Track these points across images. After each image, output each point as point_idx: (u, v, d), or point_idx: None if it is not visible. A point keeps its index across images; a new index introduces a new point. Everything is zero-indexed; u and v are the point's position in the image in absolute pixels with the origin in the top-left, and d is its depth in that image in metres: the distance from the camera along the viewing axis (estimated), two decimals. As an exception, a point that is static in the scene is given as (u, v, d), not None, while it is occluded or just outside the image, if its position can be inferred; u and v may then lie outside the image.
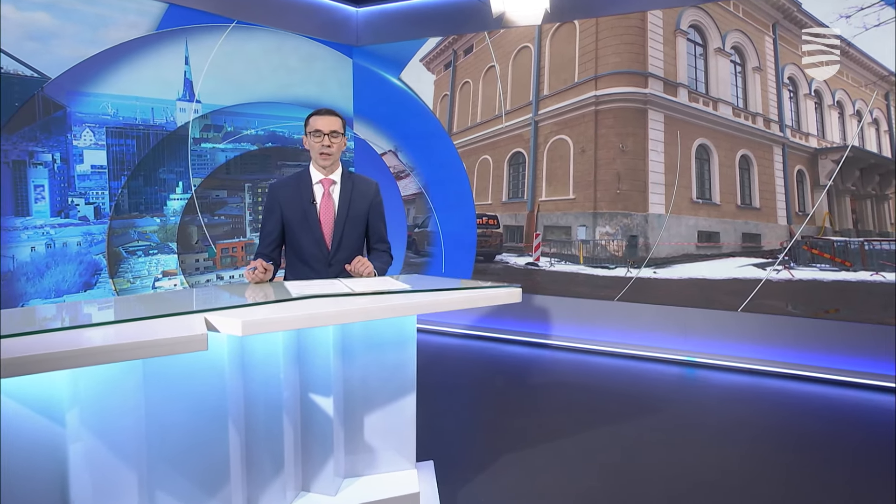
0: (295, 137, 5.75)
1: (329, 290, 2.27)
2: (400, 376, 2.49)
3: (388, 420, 2.50)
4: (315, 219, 2.75)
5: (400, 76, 6.21)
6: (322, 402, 2.30)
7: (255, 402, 2.17)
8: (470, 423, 3.83)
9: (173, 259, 5.01)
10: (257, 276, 2.51)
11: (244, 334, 1.85)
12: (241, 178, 5.46)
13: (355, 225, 2.82)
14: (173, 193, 4.99)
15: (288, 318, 1.94)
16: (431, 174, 6.18)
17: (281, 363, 2.16)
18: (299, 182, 2.80)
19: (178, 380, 2.01)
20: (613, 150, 5.26)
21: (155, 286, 4.90)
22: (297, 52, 5.74)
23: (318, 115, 2.77)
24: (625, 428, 3.67)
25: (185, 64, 5.00)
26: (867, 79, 4.33)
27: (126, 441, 1.90)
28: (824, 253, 4.58)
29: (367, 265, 2.67)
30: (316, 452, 2.34)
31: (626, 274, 5.33)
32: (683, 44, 4.97)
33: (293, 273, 2.81)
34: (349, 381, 2.43)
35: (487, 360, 5.23)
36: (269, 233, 2.79)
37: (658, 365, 4.98)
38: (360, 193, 2.83)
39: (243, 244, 5.48)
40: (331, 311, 2.00)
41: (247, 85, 5.41)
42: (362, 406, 2.47)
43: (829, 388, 4.39)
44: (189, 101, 5.03)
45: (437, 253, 6.15)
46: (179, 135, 5.00)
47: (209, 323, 1.87)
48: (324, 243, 2.76)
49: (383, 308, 2.13)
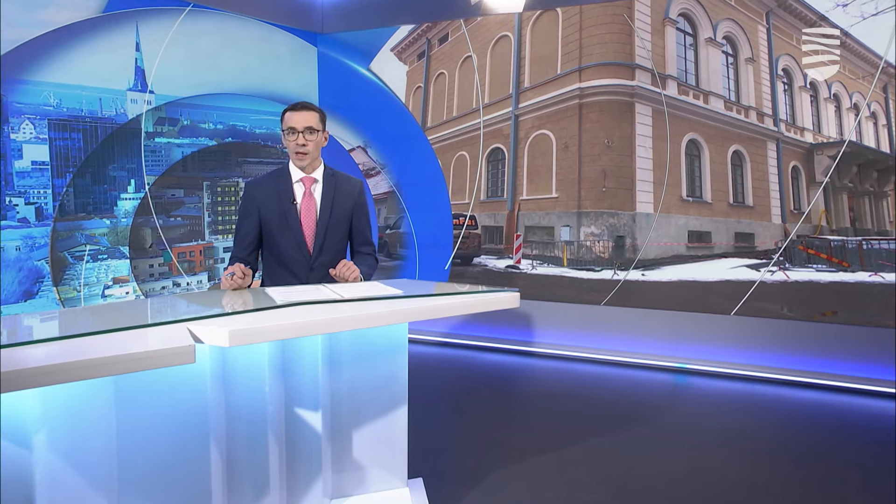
0: (257, 132, 5.68)
1: (317, 297, 2.26)
2: (391, 388, 2.49)
3: (378, 435, 2.49)
4: (295, 220, 2.73)
5: (369, 66, 6.19)
6: (309, 418, 2.28)
7: (238, 418, 2.14)
8: (456, 437, 3.84)
9: (125, 265, 4.90)
10: (236, 282, 2.48)
11: (231, 345, 1.82)
12: (200, 175, 5.37)
13: (338, 226, 2.81)
14: (125, 193, 4.89)
15: (278, 327, 1.92)
16: (404, 172, 6.17)
17: (266, 376, 2.13)
18: (278, 180, 2.77)
19: (154, 396, 1.97)
20: (599, 145, 5.34)
21: (105, 294, 4.79)
22: (258, 39, 5.68)
23: (291, 111, 2.75)
24: (617, 440, 3.71)
25: (136, 50, 4.91)
26: (865, 70, 4.48)
27: (95, 463, 1.85)
28: (821, 253, 4.71)
29: (353, 269, 2.66)
30: (302, 472, 2.31)
31: (613, 277, 5.41)
32: (672, 33, 5.07)
33: (272, 279, 2.78)
34: (336, 394, 2.41)
35: (467, 369, 5.24)
36: (246, 235, 2.76)
37: (648, 372, 5.06)
38: (343, 193, 2.82)
39: (202, 248, 5.39)
40: (325, 319, 1.99)
41: (204, 75, 5.32)
42: (350, 421, 2.45)
43: (827, 394, 4.52)
44: (141, 92, 4.93)
45: (411, 256, 6.15)
46: (131, 128, 4.89)
47: (192, 333, 1.84)
48: (305, 246, 2.74)
49: (379, 315, 2.13)
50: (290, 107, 2.76)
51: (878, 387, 4.49)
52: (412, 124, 6.12)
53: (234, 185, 5.60)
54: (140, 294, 5.01)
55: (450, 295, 2.38)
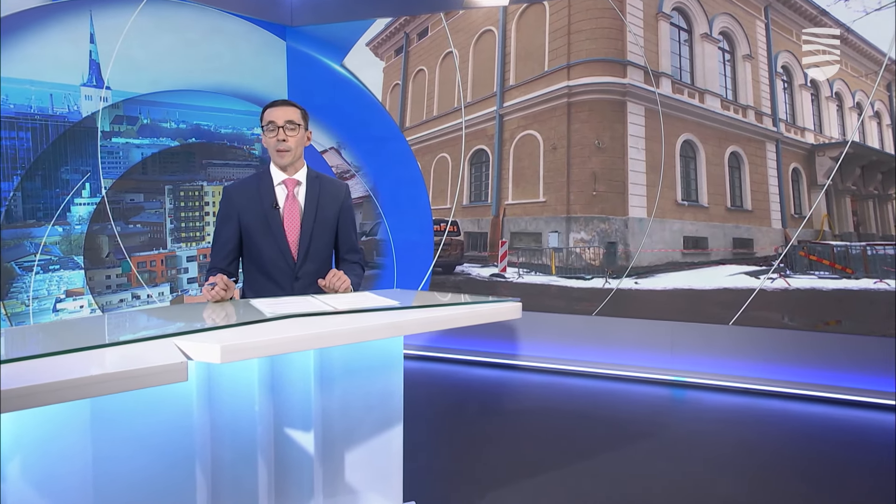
0: (222, 132, 5.63)
1: (309, 309, 2.24)
2: (385, 406, 2.48)
3: (372, 456, 2.48)
4: (278, 225, 2.71)
5: (343, 62, 6.18)
6: (300, 438, 2.26)
7: (224, 440, 2.11)
8: (447, 457, 3.83)
9: (79, 276, 4.81)
10: (218, 293, 2.45)
11: (224, 361, 1.80)
12: (161, 178, 5.30)
13: (324, 232, 2.80)
14: (79, 197, 4.81)
15: (272, 342, 1.90)
16: (381, 175, 6.16)
17: (256, 394, 2.11)
18: (259, 184, 2.75)
19: (133, 417, 1.94)
20: (589, 147, 5.39)
21: (56, 309, 4.70)
22: (222, 31, 5.63)
23: (271, 108, 2.75)
24: (615, 458, 3.73)
25: (91, 42, 4.84)
26: (868, 68, 4.60)
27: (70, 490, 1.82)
28: (823, 259, 4.81)
29: (343, 280, 2.65)
30: (292, 497, 2.29)
31: (605, 285, 5.46)
32: (666, 29, 5.15)
33: (253, 289, 2.76)
34: (328, 413, 2.39)
35: (451, 386, 5.24)
36: (226, 243, 2.73)
37: (643, 386, 5.11)
38: (328, 196, 2.81)
39: (164, 257, 5.32)
40: (321, 332, 1.98)
41: (165, 70, 5.27)
42: (343, 441, 2.43)
43: (833, 408, 4.59)
44: (96, 87, 4.87)
45: (388, 264, 6.14)
46: (85, 127, 4.82)
47: (180, 349, 1.82)
48: (289, 253, 2.72)
49: (377, 328, 2.12)
50: (270, 104, 2.76)
51: (885, 399, 4.57)
52: (389, 124, 6.12)
53: (199, 189, 5.54)
54: (96, 308, 4.92)
55: (449, 305, 2.38)
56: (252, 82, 5.86)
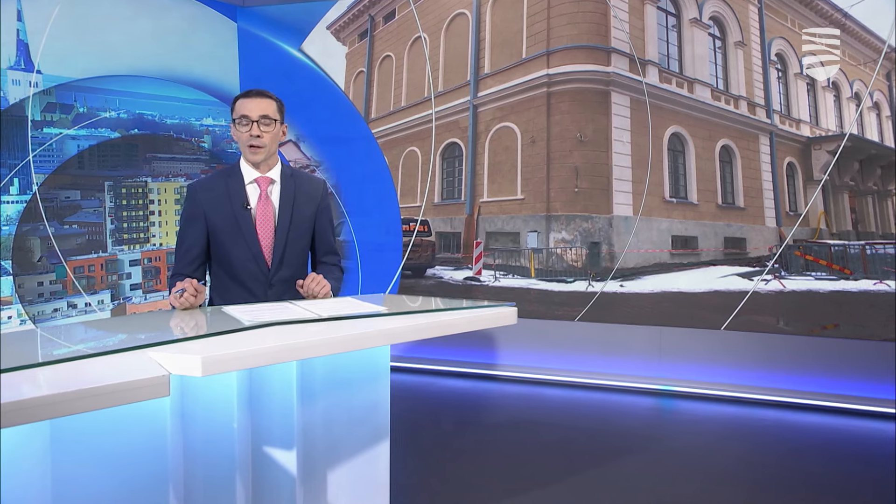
0: (168, 123, 5.58)
1: (291, 317, 2.25)
2: (371, 420, 2.49)
3: (356, 476, 2.48)
4: (250, 228, 2.70)
5: (301, 47, 6.15)
6: (280, 457, 2.27)
7: (198, 460, 2.11)
8: (428, 475, 3.85)
9: (7, 283, 4.73)
10: (188, 300, 2.44)
11: (205, 374, 1.80)
12: (100, 174, 5.24)
13: (300, 235, 2.79)
14: (6, 194, 4.73)
15: (257, 352, 1.90)
16: (344, 170, 6.15)
17: (235, 410, 2.11)
18: (228, 182, 2.74)
19: (97, 437, 1.92)
20: (570, 140, 5.46)
21: (-17, 319, 4.61)
22: (168, 11, 5.57)
23: (244, 98, 2.73)
24: (602, 473, 3.79)
25: (19, 20, 4.76)
26: (867, 56, 4.74)
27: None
28: (820, 259, 4.94)
29: (323, 284, 2.65)
30: (271, 523, 2.30)
31: (588, 288, 5.53)
32: (653, 13, 5.25)
33: (223, 297, 2.74)
34: (310, 429, 2.39)
35: (425, 398, 5.25)
36: (191, 247, 2.71)
37: (629, 396, 5.18)
38: (305, 195, 2.81)
39: (103, 261, 5.25)
40: (308, 342, 1.98)
41: (103, 52, 5.19)
42: (326, 459, 2.44)
43: (831, 417, 4.71)
44: (25, 71, 4.79)
45: (352, 268, 6.13)
46: (13, 115, 4.75)
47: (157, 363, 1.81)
48: (262, 259, 2.71)
49: (366, 336, 2.13)
50: (243, 93, 2.74)
51: (886, 408, 4.68)
52: (353, 115, 6.12)
53: (142, 186, 5.48)
54: (26, 319, 4.83)
55: (443, 311, 2.40)
56: (200, 68, 5.80)
